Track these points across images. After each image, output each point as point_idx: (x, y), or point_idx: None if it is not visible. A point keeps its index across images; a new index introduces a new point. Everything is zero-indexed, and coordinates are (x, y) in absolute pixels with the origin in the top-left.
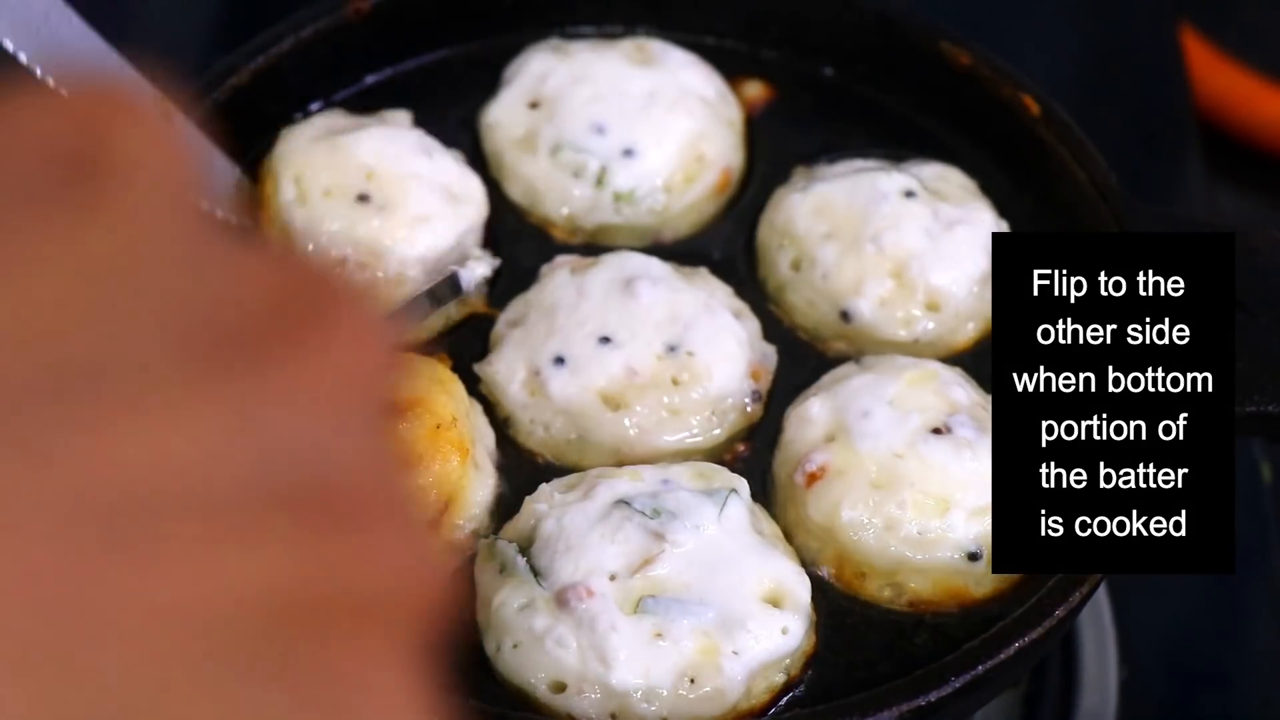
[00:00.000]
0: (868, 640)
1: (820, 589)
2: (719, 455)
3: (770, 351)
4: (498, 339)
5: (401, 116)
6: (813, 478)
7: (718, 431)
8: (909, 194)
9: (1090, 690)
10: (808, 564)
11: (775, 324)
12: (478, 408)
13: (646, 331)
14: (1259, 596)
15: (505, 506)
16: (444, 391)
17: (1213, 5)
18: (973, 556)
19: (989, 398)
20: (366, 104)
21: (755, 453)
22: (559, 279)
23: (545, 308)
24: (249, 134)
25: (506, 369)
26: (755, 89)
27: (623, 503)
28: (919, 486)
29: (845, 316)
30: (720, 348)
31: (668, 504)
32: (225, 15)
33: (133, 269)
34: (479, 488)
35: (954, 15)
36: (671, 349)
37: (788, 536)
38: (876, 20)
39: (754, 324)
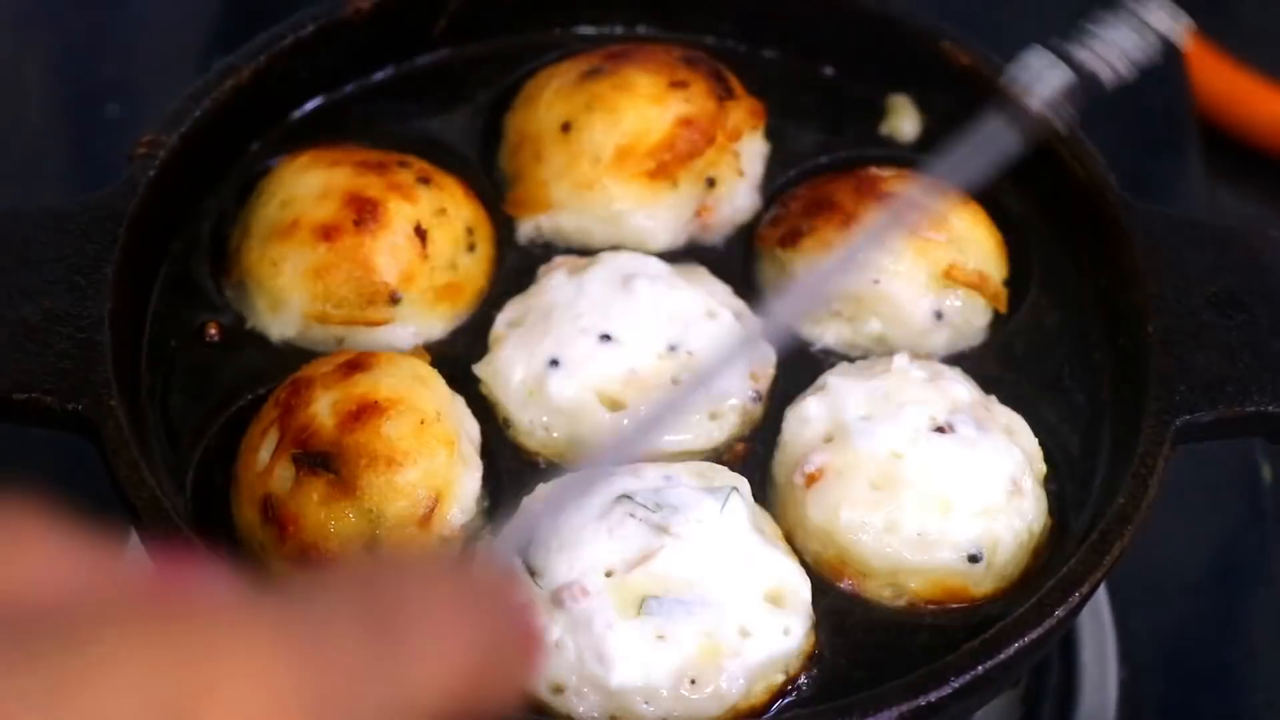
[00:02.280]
0: (868, 640)
1: (820, 589)
2: (719, 456)
3: (770, 351)
4: (497, 340)
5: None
6: (812, 479)
7: (718, 432)
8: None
9: (1090, 690)
10: (808, 564)
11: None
12: (460, 400)
13: (646, 330)
14: (1259, 597)
15: (505, 508)
16: (425, 387)
17: (1213, 5)
18: (973, 558)
19: (990, 397)
20: (368, 104)
21: (755, 454)
22: (556, 279)
23: (543, 308)
24: (250, 133)
25: (505, 369)
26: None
27: (625, 497)
28: (919, 487)
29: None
30: (721, 347)
31: (670, 499)
32: (225, 15)
33: None
34: (467, 480)
35: (954, 15)
36: (672, 348)
37: (788, 537)
38: (877, 20)
39: (754, 323)
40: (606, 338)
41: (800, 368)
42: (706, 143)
